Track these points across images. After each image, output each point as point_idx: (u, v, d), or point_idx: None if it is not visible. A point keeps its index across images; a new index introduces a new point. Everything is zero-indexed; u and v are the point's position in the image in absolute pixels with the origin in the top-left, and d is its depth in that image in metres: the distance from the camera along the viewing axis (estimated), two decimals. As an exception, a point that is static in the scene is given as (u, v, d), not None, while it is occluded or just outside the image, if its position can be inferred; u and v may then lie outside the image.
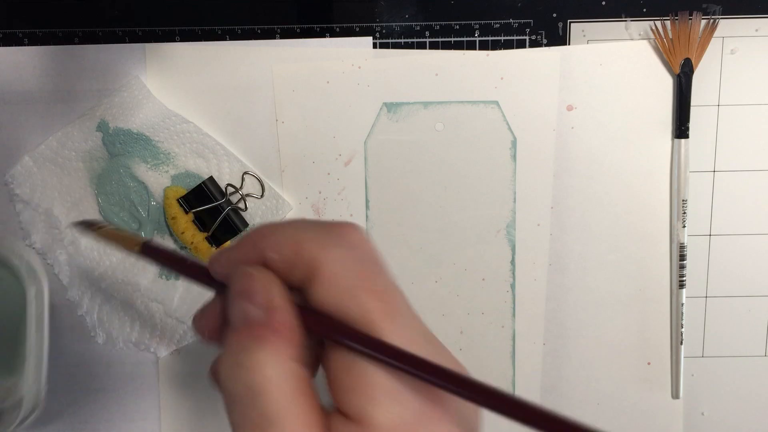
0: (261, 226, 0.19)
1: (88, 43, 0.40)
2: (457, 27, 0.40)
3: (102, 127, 0.39)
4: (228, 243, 0.40)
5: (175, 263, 0.20)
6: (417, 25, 0.40)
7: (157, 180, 0.40)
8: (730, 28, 0.40)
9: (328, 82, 0.40)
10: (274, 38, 0.40)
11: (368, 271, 0.18)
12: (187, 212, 0.40)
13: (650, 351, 0.42)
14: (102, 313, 0.41)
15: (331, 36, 0.40)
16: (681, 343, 0.41)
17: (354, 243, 0.18)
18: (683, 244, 0.40)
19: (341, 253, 0.17)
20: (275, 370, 0.16)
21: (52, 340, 0.40)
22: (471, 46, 0.40)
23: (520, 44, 0.40)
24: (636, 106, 0.40)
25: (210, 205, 0.39)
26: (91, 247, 0.41)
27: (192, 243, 0.39)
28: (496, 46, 0.40)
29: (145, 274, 0.40)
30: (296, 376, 0.16)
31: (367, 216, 0.41)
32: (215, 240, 0.40)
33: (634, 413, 0.43)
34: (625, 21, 0.40)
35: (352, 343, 0.16)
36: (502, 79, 0.40)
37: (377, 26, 0.40)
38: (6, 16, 0.40)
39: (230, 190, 0.40)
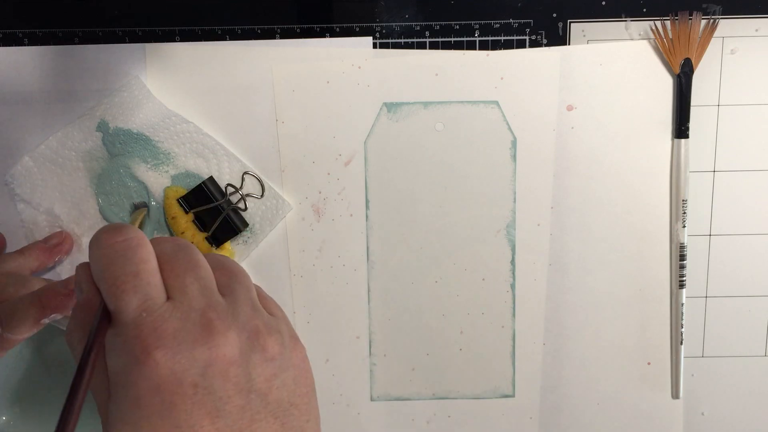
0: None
1: (88, 43, 0.40)
2: (457, 27, 0.40)
3: (102, 127, 0.39)
4: (228, 244, 0.40)
5: None
6: (417, 25, 0.40)
7: (157, 180, 0.40)
8: (730, 28, 0.40)
9: (328, 82, 0.40)
10: (274, 38, 0.40)
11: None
12: (187, 212, 0.40)
13: (650, 351, 0.42)
14: None
15: (331, 36, 0.40)
16: (681, 343, 0.41)
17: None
18: (683, 244, 0.40)
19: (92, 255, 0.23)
20: (77, 334, 0.23)
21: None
22: (471, 46, 0.40)
23: (520, 44, 0.40)
24: (636, 106, 0.40)
25: (210, 205, 0.39)
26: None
27: (192, 243, 0.39)
28: (496, 46, 0.40)
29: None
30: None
31: (367, 216, 0.41)
32: (215, 240, 0.40)
33: (634, 413, 0.43)
34: (625, 21, 0.40)
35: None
36: (502, 79, 0.40)
37: (377, 26, 0.40)
38: (6, 16, 0.40)
39: (230, 190, 0.40)
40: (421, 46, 0.40)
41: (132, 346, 0.21)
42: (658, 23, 0.39)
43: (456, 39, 0.40)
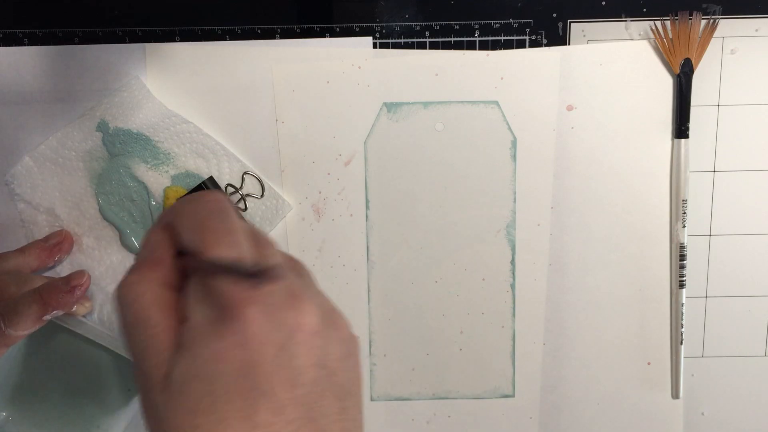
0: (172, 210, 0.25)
1: (88, 43, 0.40)
2: (457, 27, 0.40)
3: (102, 127, 0.39)
4: None
5: None
6: (417, 25, 0.40)
7: (157, 180, 0.40)
8: (730, 28, 0.40)
9: (328, 82, 0.40)
10: (274, 38, 0.40)
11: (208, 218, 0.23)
12: (187, 212, 0.40)
13: (650, 351, 0.42)
14: (103, 314, 0.41)
15: (331, 36, 0.40)
16: (681, 343, 0.41)
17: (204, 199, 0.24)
18: (683, 244, 0.40)
19: (192, 208, 0.24)
20: (142, 287, 0.22)
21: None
22: (471, 46, 0.40)
23: (520, 44, 0.40)
24: (636, 106, 0.40)
25: (210, 205, 0.39)
26: (92, 246, 0.41)
27: None
28: (496, 46, 0.40)
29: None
30: (159, 292, 0.22)
31: (367, 216, 0.41)
32: (215, 240, 0.40)
33: (634, 413, 0.43)
34: (625, 21, 0.40)
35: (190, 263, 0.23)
36: (502, 79, 0.40)
37: (377, 26, 0.40)
38: (6, 16, 0.40)
39: (230, 190, 0.40)
40: (421, 46, 0.40)
41: (225, 298, 0.21)
42: (658, 23, 0.39)
43: (456, 39, 0.40)
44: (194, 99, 0.40)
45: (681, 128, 0.40)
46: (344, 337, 0.23)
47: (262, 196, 0.40)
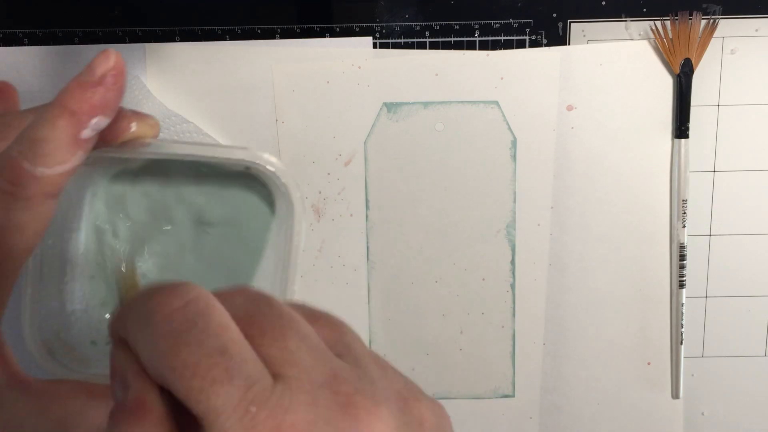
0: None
1: (88, 43, 0.40)
2: (457, 27, 0.40)
3: (102, 126, 0.39)
4: None
5: None
6: (417, 25, 0.40)
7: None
8: (730, 28, 0.40)
9: (328, 82, 0.40)
10: (274, 38, 0.40)
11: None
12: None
13: (650, 351, 0.42)
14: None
15: (331, 36, 0.40)
16: (681, 343, 0.41)
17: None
18: (683, 244, 0.40)
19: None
20: None
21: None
22: (471, 46, 0.40)
23: (520, 44, 0.40)
24: (636, 106, 0.40)
25: (210, 205, 0.39)
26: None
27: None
28: (496, 46, 0.40)
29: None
30: None
31: (367, 216, 0.41)
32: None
33: (634, 413, 0.43)
34: (625, 21, 0.40)
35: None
36: (502, 79, 0.40)
37: (377, 26, 0.40)
38: (6, 16, 0.40)
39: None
40: (421, 46, 0.40)
41: None
42: (658, 23, 0.39)
43: (456, 39, 0.40)
44: (194, 99, 0.40)
45: (681, 128, 0.40)
46: (428, 428, 0.17)
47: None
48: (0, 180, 0.22)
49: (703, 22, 0.39)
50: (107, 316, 0.34)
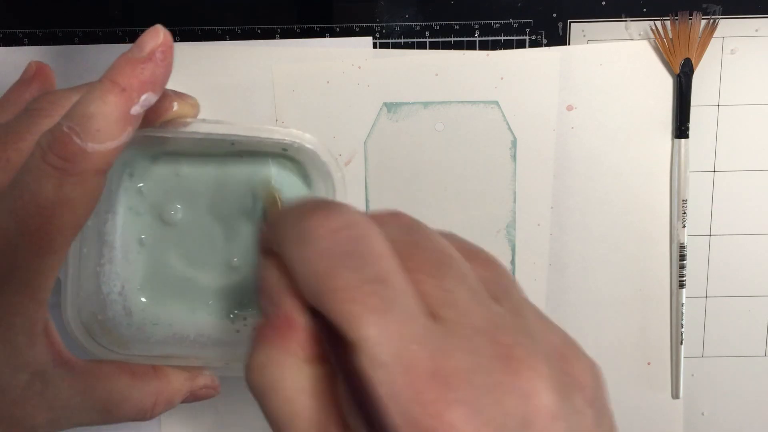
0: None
1: (88, 43, 0.40)
2: (457, 27, 0.40)
3: (102, 126, 0.39)
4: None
5: None
6: (417, 25, 0.40)
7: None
8: (730, 28, 0.40)
9: (328, 82, 0.40)
10: (274, 38, 0.40)
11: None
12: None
13: (650, 351, 0.42)
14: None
15: (331, 36, 0.40)
16: (681, 343, 0.41)
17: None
18: (683, 244, 0.40)
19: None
20: (281, 372, 0.15)
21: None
22: (471, 46, 0.40)
23: (520, 44, 0.40)
24: (636, 106, 0.40)
25: (210, 205, 0.39)
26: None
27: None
28: (496, 46, 0.40)
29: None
30: (306, 378, 0.15)
31: (367, 216, 0.41)
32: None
33: (634, 413, 0.43)
34: (625, 21, 0.40)
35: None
36: (502, 79, 0.40)
37: (377, 26, 0.40)
38: (6, 16, 0.40)
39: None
40: (421, 46, 0.40)
41: (408, 405, 0.13)
42: (658, 23, 0.39)
43: (456, 39, 0.40)
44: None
45: (681, 128, 0.40)
46: (589, 396, 0.15)
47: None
48: (51, 155, 0.21)
49: (703, 22, 0.39)
50: (143, 299, 0.34)
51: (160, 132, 0.27)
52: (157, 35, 0.24)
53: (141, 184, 0.33)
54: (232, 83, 0.40)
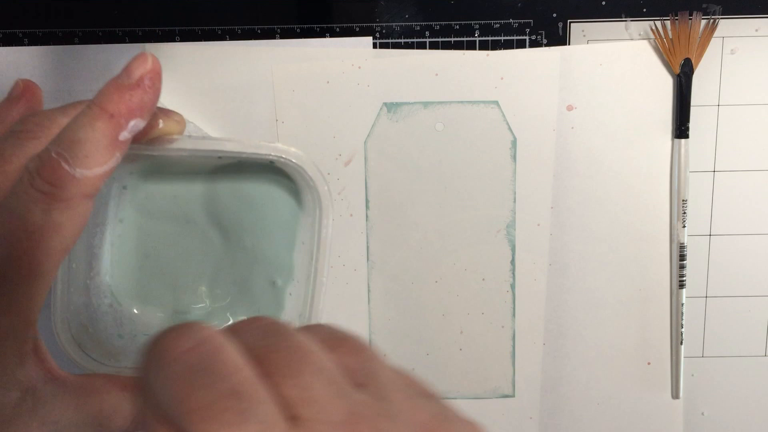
0: None
1: (88, 43, 0.40)
2: (457, 27, 0.40)
3: (102, 126, 0.39)
4: None
5: None
6: (417, 25, 0.40)
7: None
8: (730, 28, 0.40)
9: (328, 82, 0.40)
10: (274, 38, 0.40)
11: None
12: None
13: (650, 351, 0.42)
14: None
15: (331, 36, 0.40)
16: (681, 343, 0.41)
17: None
18: (683, 244, 0.40)
19: None
20: None
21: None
22: (471, 46, 0.40)
23: (520, 44, 0.40)
24: (636, 106, 0.40)
25: (210, 205, 0.39)
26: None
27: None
28: (496, 46, 0.40)
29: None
30: None
31: (367, 216, 0.41)
32: (215, 240, 0.40)
33: (634, 413, 0.43)
34: (625, 21, 0.40)
35: None
36: (502, 79, 0.40)
37: (377, 26, 0.40)
38: (6, 16, 0.40)
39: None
40: (421, 46, 0.40)
41: None
42: (658, 23, 0.39)
43: (456, 39, 0.40)
44: (194, 99, 0.40)
45: (681, 128, 0.40)
46: None
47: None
48: (39, 181, 0.22)
49: (703, 22, 0.39)
50: (135, 311, 0.34)
51: (147, 149, 0.28)
52: (146, 62, 0.25)
53: (130, 198, 0.34)
54: (232, 83, 0.40)
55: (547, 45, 0.40)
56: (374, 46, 0.40)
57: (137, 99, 0.24)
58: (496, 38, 0.40)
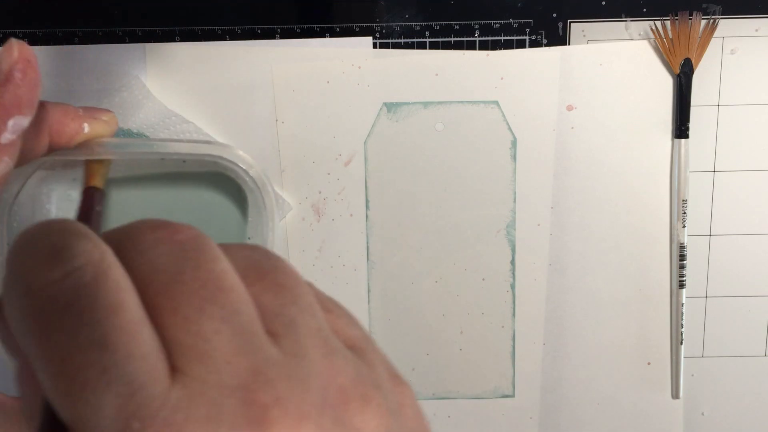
0: None
1: (88, 43, 0.40)
2: (457, 27, 0.40)
3: (102, 127, 0.39)
4: None
5: None
6: (417, 25, 0.40)
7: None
8: (730, 28, 0.40)
9: (328, 82, 0.40)
10: (274, 38, 0.40)
11: None
12: (187, 212, 0.40)
13: (650, 351, 0.42)
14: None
15: (331, 36, 0.40)
16: (681, 343, 0.41)
17: None
18: (683, 244, 0.40)
19: None
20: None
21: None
22: (471, 46, 0.40)
23: (520, 44, 0.40)
24: (636, 106, 0.40)
25: (210, 205, 0.39)
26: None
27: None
28: (496, 46, 0.40)
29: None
30: None
31: (367, 216, 0.41)
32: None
33: (634, 413, 0.43)
34: (625, 21, 0.40)
35: None
36: (502, 79, 0.40)
37: (377, 26, 0.40)
38: (6, 16, 0.40)
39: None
40: (421, 46, 0.40)
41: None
42: (658, 23, 0.39)
43: (456, 39, 0.40)
44: (194, 99, 0.40)
45: (681, 128, 0.40)
46: None
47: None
48: None
49: (703, 22, 0.39)
50: None
51: (72, 155, 0.25)
52: (11, 51, 0.21)
53: (68, 206, 0.32)
54: (232, 83, 0.40)
55: (547, 45, 0.40)
56: (374, 46, 0.40)
57: (10, 95, 0.20)
58: (496, 38, 0.40)
